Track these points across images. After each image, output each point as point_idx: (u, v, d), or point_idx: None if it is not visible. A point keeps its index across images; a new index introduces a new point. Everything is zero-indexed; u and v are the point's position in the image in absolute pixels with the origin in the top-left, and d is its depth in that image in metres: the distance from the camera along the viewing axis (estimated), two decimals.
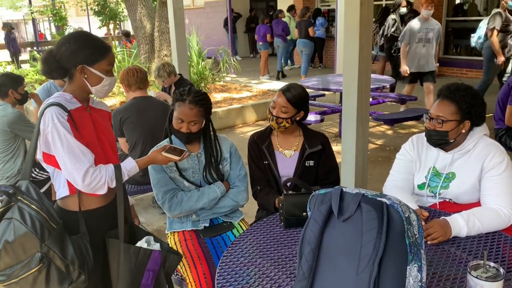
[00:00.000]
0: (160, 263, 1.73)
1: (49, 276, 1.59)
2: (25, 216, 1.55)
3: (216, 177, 2.21)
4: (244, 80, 9.90)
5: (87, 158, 1.62)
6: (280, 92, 2.19)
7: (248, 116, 7.04)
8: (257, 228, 1.87)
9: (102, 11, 16.11)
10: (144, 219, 3.80)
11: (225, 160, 2.25)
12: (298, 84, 2.26)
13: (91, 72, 1.68)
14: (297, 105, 2.17)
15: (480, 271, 1.29)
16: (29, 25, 27.96)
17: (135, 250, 1.70)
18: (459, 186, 1.94)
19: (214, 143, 2.21)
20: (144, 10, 8.72)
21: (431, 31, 5.88)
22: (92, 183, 1.63)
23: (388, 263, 1.11)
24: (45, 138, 1.62)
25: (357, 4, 2.88)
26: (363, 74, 3.02)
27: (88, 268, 1.67)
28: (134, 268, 1.68)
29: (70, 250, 1.61)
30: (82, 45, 1.66)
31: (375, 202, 1.15)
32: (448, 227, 1.69)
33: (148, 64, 8.59)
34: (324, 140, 2.27)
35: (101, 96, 1.77)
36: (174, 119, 2.10)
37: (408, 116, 5.29)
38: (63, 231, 1.63)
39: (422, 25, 5.86)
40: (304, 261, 1.20)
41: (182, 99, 2.08)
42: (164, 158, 1.86)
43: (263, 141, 2.27)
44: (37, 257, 1.56)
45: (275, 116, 2.17)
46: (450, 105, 1.89)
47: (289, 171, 2.23)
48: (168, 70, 4.25)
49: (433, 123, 1.93)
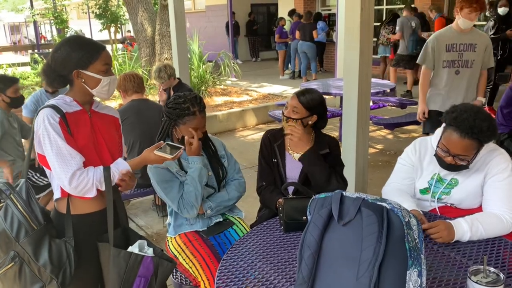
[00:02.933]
0: (153, 269, 1.69)
1: (21, 275, 1.63)
2: (7, 214, 1.61)
3: (221, 176, 2.28)
4: (244, 84, 9.92)
5: (75, 161, 1.61)
6: (294, 95, 2.22)
7: (248, 119, 7.05)
8: (257, 231, 1.87)
9: (103, 14, 16.18)
10: (144, 222, 3.79)
11: (223, 157, 2.31)
12: (314, 89, 2.27)
13: (87, 75, 1.66)
14: (310, 108, 2.17)
15: (480, 276, 1.29)
16: (30, 28, 28.06)
17: (125, 255, 1.67)
18: (461, 192, 1.94)
19: (209, 141, 2.28)
20: (145, 14, 8.74)
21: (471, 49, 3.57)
22: (79, 186, 1.61)
23: (388, 268, 1.11)
24: (38, 139, 1.63)
25: (357, 9, 2.89)
26: (363, 78, 3.03)
27: (65, 274, 1.66)
28: (124, 273, 1.65)
29: (44, 254, 1.62)
30: (72, 50, 1.64)
31: (375, 207, 1.15)
32: (452, 230, 1.69)
33: (149, 68, 8.60)
34: (332, 144, 2.27)
35: (104, 97, 1.74)
36: (186, 131, 2.09)
37: (408, 121, 5.29)
38: (43, 234, 1.63)
39: (455, 38, 3.55)
40: (304, 265, 1.20)
41: (192, 112, 2.07)
42: (157, 158, 1.77)
43: (276, 140, 2.30)
44: (11, 255, 1.61)
45: (286, 116, 2.19)
46: (473, 143, 1.79)
47: (295, 173, 2.24)
48: (169, 72, 4.26)
49: (454, 160, 1.84)
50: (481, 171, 1.90)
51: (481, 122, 1.75)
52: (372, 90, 4.66)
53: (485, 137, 1.78)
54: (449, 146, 1.82)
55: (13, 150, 3.35)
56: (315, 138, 2.26)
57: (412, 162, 2.07)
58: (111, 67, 1.76)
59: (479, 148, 1.83)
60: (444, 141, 1.84)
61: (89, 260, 1.77)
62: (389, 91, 5.61)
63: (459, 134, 1.78)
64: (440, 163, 1.91)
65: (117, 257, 1.66)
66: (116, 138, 1.85)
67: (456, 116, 1.80)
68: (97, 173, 1.66)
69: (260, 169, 2.33)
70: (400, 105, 6.04)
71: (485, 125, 1.75)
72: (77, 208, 1.73)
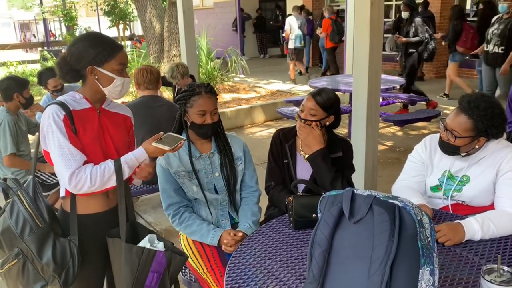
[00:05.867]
0: (165, 264, 1.68)
1: (24, 273, 1.63)
2: (13, 210, 1.61)
3: (231, 179, 2.15)
4: (252, 81, 9.90)
5: (75, 160, 1.59)
6: (309, 96, 2.14)
7: (256, 116, 7.03)
8: (266, 229, 1.86)
9: (112, 12, 16.23)
10: (152, 219, 3.81)
11: (239, 160, 2.19)
12: (328, 89, 2.21)
13: (101, 72, 1.65)
14: (327, 109, 2.11)
15: (494, 275, 1.27)
16: (40, 25, 28.25)
17: (137, 250, 1.64)
18: (472, 190, 1.92)
19: (226, 141, 2.16)
20: (154, 11, 8.76)
21: None
22: (78, 184, 1.60)
23: (400, 266, 1.09)
24: (43, 136, 1.63)
25: (367, 4, 2.85)
26: (373, 75, 3.00)
27: (68, 273, 1.65)
28: (137, 269, 1.63)
29: (47, 252, 1.62)
30: (90, 46, 1.63)
31: (387, 204, 1.13)
32: (460, 230, 1.66)
33: (158, 64, 8.62)
34: (346, 147, 2.22)
35: (115, 97, 1.73)
36: (195, 115, 2.02)
37: (418, 117, 5.25)
38: (47, 232, 1.63)
39: None
40: (315, 263, 1.19)
41: (197, 92, 2.02)
42: (155, 149, 1.70)
43: (287, 140, 2.24)
44: (15, 251, 1.62)
45: (303, 119, 2.11)
46: (467, 121, 1.82)
47: (306, 174, 2.20)
48: (182, 71, 4.21)
49: (446, 135, 1.88)
50: (493, 168, 1.87)
51: (481, 102, 1.82)
52: (382, 87, 4.62)
53: (480, 117, 1.80)
54: (447, 120, 1.89)
55: (28, 148, 3.40)
56: (328, 140, 2.19)
57: (422, 159, 2.05)
58: (126, 68, 1.74)
59: (475, 135, 1.82)
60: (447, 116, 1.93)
61: (93, 260, 1.76)
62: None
63: (457, 108, 1.87)
64: (439, 146, 1.95)
65: (130, 252, 1.64)
66: (125, 137, 1.83)
67: (465, 95, 1.90)
68: (98, 169, 1.62)
69: (269, 168, 2.29)
70: (410, 102, 5.99)
71: (483, 105, 1.80)
72: (82, 207, 1.72)
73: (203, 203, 2.11)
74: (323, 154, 2.09)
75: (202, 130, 2.05)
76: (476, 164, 1.91)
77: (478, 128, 1.81)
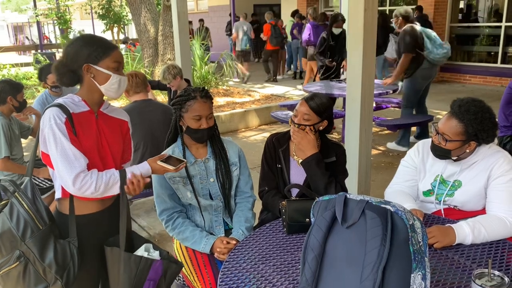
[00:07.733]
0: (161, 273, 1.70)
1: (26, 275, 1.62)
2: (13, 212, 1.60)
3: (226, 184, 2.15)
4: (247, 85, 9.91)
5: (79, 163, 1.60)
6: (303, 101, 2.15)
7: (251, 120, 7.04)
8: (260, 233, 1.86)
9: (106, 15, 16.20)
10: (146, 223, 3.79)
11: (234, 165, 2.18)
12: (321, 94, 2.22)
13: (97, 70, 1.66)
14: (320, 114, 2.12)
15: (485, 279, 1.28)
16: (33, 28, 28.15)
17: (135, 259, 1.67)
18: (464, 194, 1.93)
19: (221, 146, 2.16)
20: (148, 14, 8.76)
21: None
22: (82, 187, 1.60)
23: (392, 271, 1.10)
24: (43, 138, 1.62)
25: (361, 9, 2.88)
26: (366, 80, 3.02)
27: (69, 275, 1.66)
28: (134, 277, 1.65)
29: (49, 254, 1.61)
30: (85, 44, 1.66)
31: (379, 209, 1.14)
32: (451, 234, 1.68)
33: (152, 68, 8.62)
34: (339, 152, 2.23)
35: (112, 95, 1.73)
36: (190, 119, 2.02)
37: (411, 122, 5.28)
38: (48, 233, 1.63)
39: None
40: (308, 268, 1.19)
41: (192, 97, 2.02)
42: (160, 168, 1.77)
43: (281, 145, 2.24)
44: (16, 254, 1.60)
45: (297, 124, 2.12)
46: (458, 125, 1.85)
47: (299, 179, 2.20)
48: (173, 72, 4.21)
49: (438, 138, 1.91)
50: (485, 173, 1.89)
51: (471, 106, 1.84)
52: (375, 92, 4.65)
53: (470, 121, 1.82)
54: (439, 124, 1.92)
55: (21, 152, 3.37)
56: (321, 144, 2.20)
57: (415, 164, 2.06)
58: (123, 68, 1.76)
59: (466, 139, 1.84)
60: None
61: (90, 261, 1.76)
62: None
63: (449, 112, 1.90)
64: (431, 149, 1.97)
65: (128, 261, 1.66)
66: (120, 142, 1.83)
67: (457, 100, 1.91)
68: (104, 176, 1.64)
69: (263, 173, 2.29)
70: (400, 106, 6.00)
71: (473, 109, 1.83)
72: (77, 208, 1.72)
73: (197, 209, 2.11)
74: (317, 159, 2.09)
75: (198, 135, 2.05)
76: (468, 169, 1.93)
77: (468, 132, 1.83)
